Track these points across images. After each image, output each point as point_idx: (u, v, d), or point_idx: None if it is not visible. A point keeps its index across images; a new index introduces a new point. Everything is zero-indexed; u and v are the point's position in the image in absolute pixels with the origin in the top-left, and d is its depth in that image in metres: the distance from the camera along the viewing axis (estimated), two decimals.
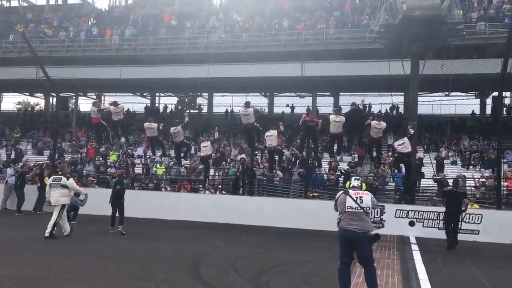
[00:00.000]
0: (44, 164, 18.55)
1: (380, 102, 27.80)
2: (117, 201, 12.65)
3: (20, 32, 27.19)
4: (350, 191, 6.81)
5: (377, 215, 13.92)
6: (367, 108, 26.79)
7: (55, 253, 9.81)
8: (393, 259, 10.27)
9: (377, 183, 17.76)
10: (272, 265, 9.12)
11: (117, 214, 12.66)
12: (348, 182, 7.19)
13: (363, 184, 7.06)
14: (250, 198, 16.64)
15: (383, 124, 14.97)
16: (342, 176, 17.27)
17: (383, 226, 13.88)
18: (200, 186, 18.61)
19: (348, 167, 18.15)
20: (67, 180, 11.80)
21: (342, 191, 6.95)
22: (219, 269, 8.57)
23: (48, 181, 12.42)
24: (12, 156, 23.87)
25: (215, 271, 8.43)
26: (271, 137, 15.71)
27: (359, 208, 6.64)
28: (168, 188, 18.81)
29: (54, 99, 32.51)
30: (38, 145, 26.75)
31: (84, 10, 36.22)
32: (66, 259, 9.09)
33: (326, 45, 26.23)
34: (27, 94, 38.31)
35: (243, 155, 18.01)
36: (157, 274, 8.01)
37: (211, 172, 20.18)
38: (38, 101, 41.22)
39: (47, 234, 11.18)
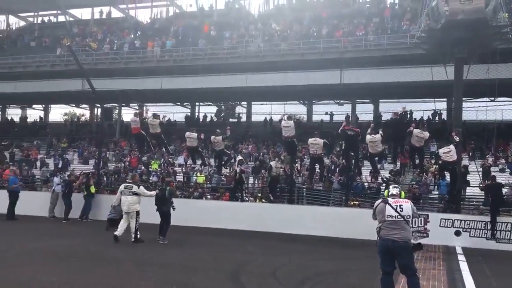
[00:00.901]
0: (90, 173, 19.13)
1: (422, 109, 27.16)
2: (159, 208, 12.69)
3: (66, 46, 28.26)
4: (389, 199, 6.70)
5: (420, 224, 13.57)
6: (408, 115, 26.22)
7: (101, 260, 10.08)
8: (439, 270, 9.96)
9: (419, 191, 17.30)
10: (313, 274, 9.04)
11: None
12: (386, 190, 7.09)
13: (402, 192, 6.94)
14: (290, 206, 16.59)
15: (426, 134, 14.71)
16: (384, 184, 16.94)
17: (427, 236, 13.52)
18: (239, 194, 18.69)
19: (389, 175, 17.78)
20: (138, 188, 12.58)
21: (381, 200, 6.85)
22: (260, 278, 8.56)
23: (120, 188, 13.02)
24: (60, 165, 24.74)
25: (256, 279, 8.44)
26: (317, 145, 15.65)
27: (399, 216, 6.53)
28: (209, 197, 19.00)
29: (99, 110, 33.59)
30: (84, 155, 27.64)
31: (127, 23, 37.35)
32: (111, 266, 9.33)
33: (365, 51, 25.94)
34: (73, 105, 39.73)
35: (272, 162, 18.01)
36: (199, 281, 8.09)
37: (251, 180, 20.27)
38: (83, 112, 42.69)
39: (133, 239, 12.22)
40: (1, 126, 36.89)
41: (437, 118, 28.04)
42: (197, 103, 36.06)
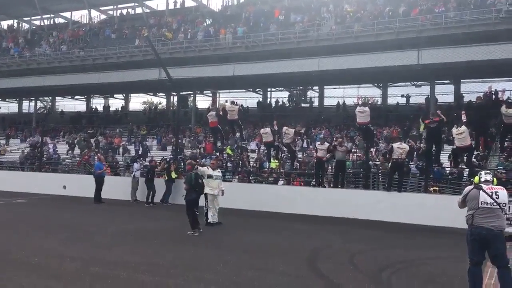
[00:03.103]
0: (171, 160, 19.91)
1: (509, 88, 25.27)
2: (187, 196, 11.83)
3: (144, 36, 29.28)
4: (483, 185, 6.30)
5: (509, 211, 12.69)
6: (493, 95, 24.53)
7: (180, 242, 10.50)
8: None
9: (507, 177, 16.15)
10: (392, 261, 8.80)
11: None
12: (476, 176, 6.64)
13: (494, 179, 6.53)
14: (365, 192, 16.29)
15: (510, 111, 13.82)
16: (467, 169, 16.03)
17: None
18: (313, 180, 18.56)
19: (474, 159, 16.76)
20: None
21: (473, 186, 6.44)
22: (337, 264, 8.48)
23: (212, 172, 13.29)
24: (140, 151, 25.96)
25: (333, 265, 8.36)
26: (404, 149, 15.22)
27: (495, 204, 6.14)
28: (282, 182, 19.05)
29: (175, 98, 34.68)
30: (162, 141, 28.77)
31: (200, 12, 38.05)
32: (190, 248, 9.66)
33: (446, 29, 24.49)
34: (151, 94, 41.36)
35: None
36: (276, 266, 8.15)
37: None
38: (160, 100, 44.34)
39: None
40: (86, 115, 39.33)
41: None
42: (269, 89, 36.13)
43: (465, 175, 16.32)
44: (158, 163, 19.62)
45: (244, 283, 6.94)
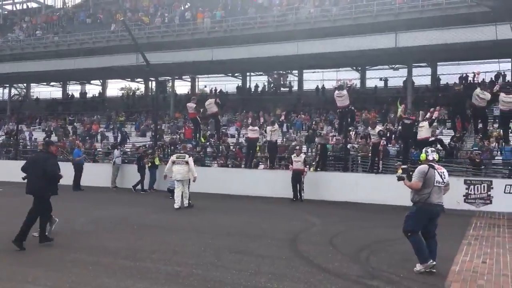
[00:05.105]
0: (157, 147, 19.84)
1: (485, 70, 25.66)
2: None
3: (120, 21, 28.70)
4: (435, 165, 6.80)
5: (484, 191, 13.05)
6: (470, 79, 24.86)
7: (161, 227, 10.49)
8: (504, 237, 9.61)
9: (481, 158, 16.51)
10: (371, 241, 8.97)
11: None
12: (423, 154, 7.05)
13: (437, 155, 7.08)
14: (345, 174, 16.44)
15: (487, 95, 14.16)
16: (444, 151, 16.31)
17: (490, 203, 13.02)
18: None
19: (450, 141, 17.05)
20: (189, 157, 13.38)
21: (428, 166, 6.80)
22: (317, 245, 8.60)
23: (172, 158, 13.79)
24: (119, 138, 25.65)
25: (314, 246, 8.48)
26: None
27: (443, 183, 6.73)
28: (262, 166, 19.11)
29: (153, 83, 34.26)
30: (141, 128, 28.45)
31: None
32: (172, 233, 9.66)
33: (422, 12, 24.66)
34: (129, 79, 40.73)
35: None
36: (257, 248, 8.23)
37: (304, 148, 20.15)
38: (138, 86, 43.70)
39: (186, 205, 13.16)
40: (63, 102, 38.58)
41: (500, 79, 26.51)
42: (248, 73, 35.97)
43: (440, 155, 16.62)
44: (149, 152, 19.14)
45: (225, 266, 6.98)
